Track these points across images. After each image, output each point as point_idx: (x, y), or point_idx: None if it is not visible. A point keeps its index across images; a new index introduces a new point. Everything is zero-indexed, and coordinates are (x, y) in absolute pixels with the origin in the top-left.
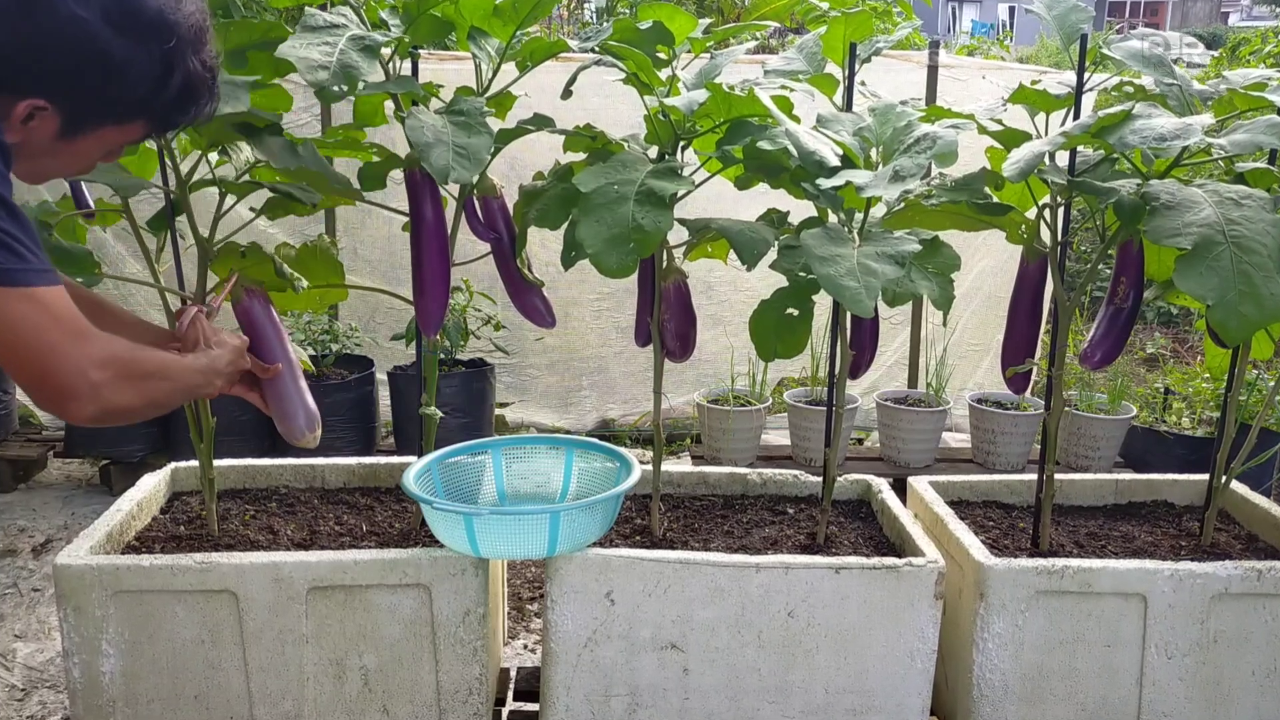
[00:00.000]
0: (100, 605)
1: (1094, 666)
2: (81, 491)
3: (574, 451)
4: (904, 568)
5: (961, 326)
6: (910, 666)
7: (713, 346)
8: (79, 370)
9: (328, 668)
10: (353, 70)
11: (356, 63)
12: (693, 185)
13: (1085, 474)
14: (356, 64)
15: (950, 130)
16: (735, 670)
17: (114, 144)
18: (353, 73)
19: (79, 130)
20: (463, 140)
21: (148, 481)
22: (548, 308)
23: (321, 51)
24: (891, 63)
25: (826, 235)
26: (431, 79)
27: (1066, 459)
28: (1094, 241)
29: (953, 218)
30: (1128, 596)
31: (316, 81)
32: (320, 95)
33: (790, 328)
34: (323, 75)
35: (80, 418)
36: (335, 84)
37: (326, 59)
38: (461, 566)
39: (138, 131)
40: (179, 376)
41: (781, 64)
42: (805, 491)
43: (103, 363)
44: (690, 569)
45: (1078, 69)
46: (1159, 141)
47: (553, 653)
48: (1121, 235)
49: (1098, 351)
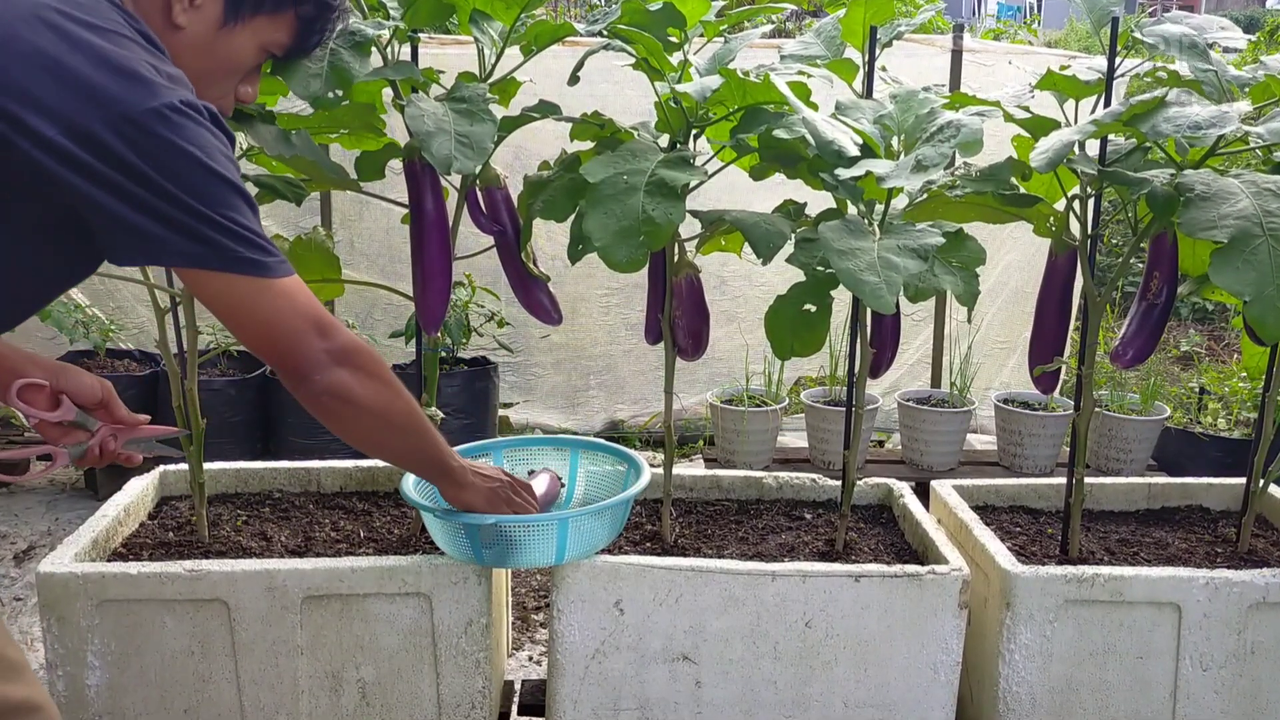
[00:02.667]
0: (85, 615)
1: (1125, 679)
2: (66, 496)
3: (579, 453)
4: (927, 576)
5: (987, 323)
6: (933, 679)
7: (726, 344)
8: (316, 355)
9: (323, 680)
10: (345, 71)
11: (348, 63)
12: (705, 175)
13: (1116, 478)
14: (348, 65)
15: (975, 118)
16: (750, 683)
17: (264, 41)
18: (345, 74)
19: (239, 14)
20: (465, 128)
21: (135, 485)
22: (554, 304)
23: (311, 58)
24: (914, 47)
25: (845, 228)
26: (432, 65)
27: (1097, 462)
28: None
29: (978, 209)
30: (1161, 606)
31: (310, 94)
32: (315, 105)
33: (808, 324)
34: (315, 85)
35: (314, 396)
36: (328, 90)
37: (317, 65)
38: (464, 574)
39: (285, 30)
40: (426, 433)
41: (798, 48)
42: (823, 496)
43: (340, 353)
44: (703, 577)
45: (1109, 54)
46: (1194, 130)
47: (559, 665)
48: (1154, 228)
49: (1130, 349)
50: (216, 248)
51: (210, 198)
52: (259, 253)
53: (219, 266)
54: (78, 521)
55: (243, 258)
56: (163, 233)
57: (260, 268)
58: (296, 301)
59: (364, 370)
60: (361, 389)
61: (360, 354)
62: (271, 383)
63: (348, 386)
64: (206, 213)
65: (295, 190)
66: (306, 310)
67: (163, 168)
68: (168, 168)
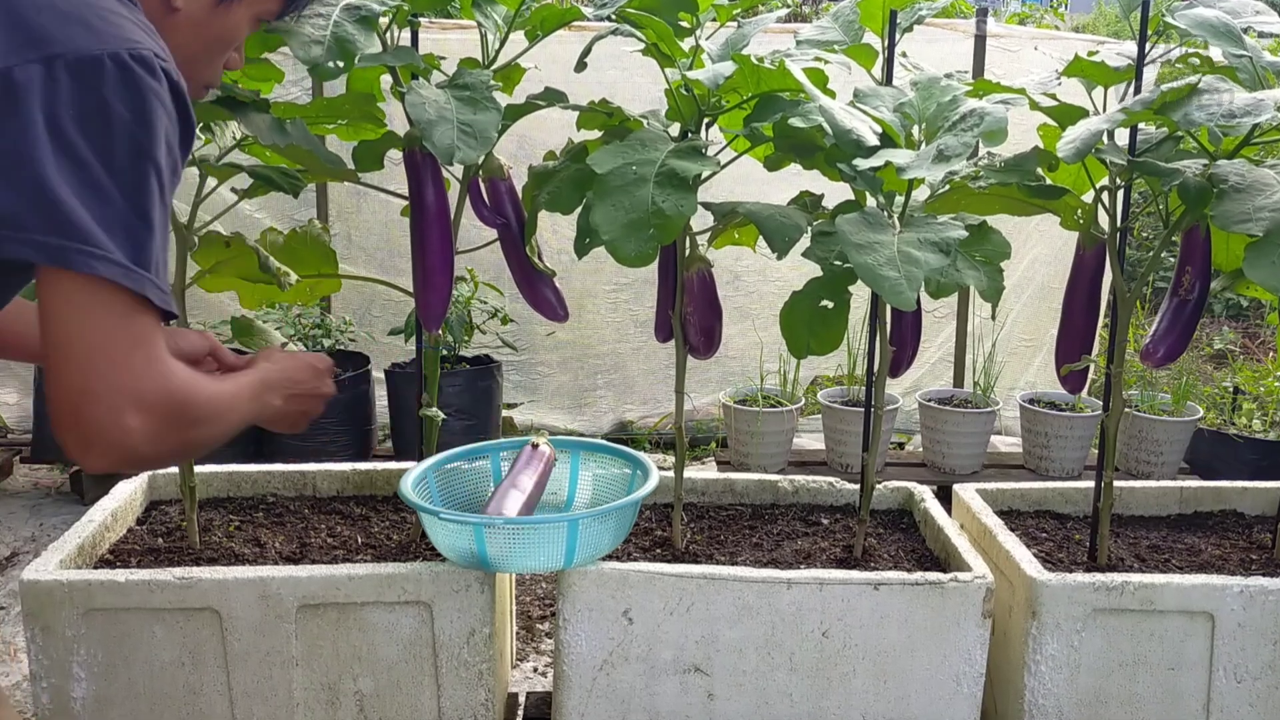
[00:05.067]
0: (71, 624)
1: (1156, 691)
2: (50, 500)
3: (580, 455)
4: (949, 584)
5: (1012, 320)
6: (956, 691)
7: (740, 342)
8: (113, 410)
9: (319, 693)
10: (349, 44)
11: (352, 35)
12: (718, 166)
13: (1147, 481)
14: (352, 37)
15: (999, 106)
16: (764, 695)
17: (258, 11)
18: (349, 46)
19: None
20: (468, 117)
21: (123, 489)
22: (559, 299)
23: (314, 25)
24: (935, 32)
25: (864, 220)
26: (433, 50)
27: (1126, 465)
28: (1156, 227)
29: (1002, 201)
30: (1193, 615)
31: (311, 59)
32: (314, 73)
33: (825, 321)
34: (316, 51)
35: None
36: (330, 60)
37: (320, 33)
38: (466, 582)
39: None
40: (233, 408)
41: (815, 33)
42: (841, 500)
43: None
44: (715, 585)
45: (1139, 39)
46: (1228, 118)
47: (565, 676)
48: (1187, 220)
49: (1161, 347)
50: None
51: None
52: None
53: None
54: (63, 527)
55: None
56: None
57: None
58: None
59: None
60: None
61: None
62: None
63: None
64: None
65: (291, 181)
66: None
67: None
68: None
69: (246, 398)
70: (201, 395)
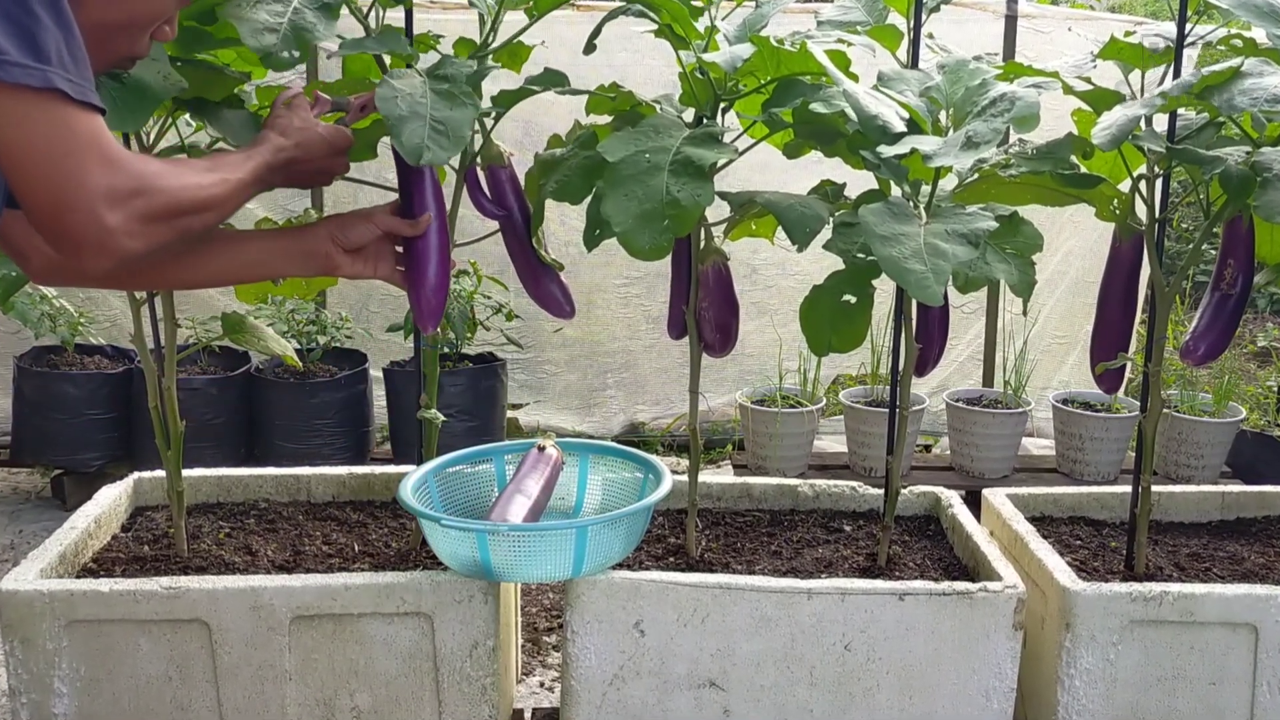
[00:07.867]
0: (52, 637)
1: (1196, 707)
2: (30, 505)
3: (589, 458)
4: (978, 594)
5: (1044, 316)
6: (985, 707)
7: (757, 339)
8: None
9: (314, 708)
10: (306, 32)
11: (311, 24)
12: (735, 153)
13: (1187, 486)
14: (311, 25)
15: (1031, 90)
16: (783, 711)
17: None
18: (306, 35)
19: None
20: (443, 113)
21: (107, 494)
22: (566, 295)
23: (270, 11)
24: (964, 12)
25: (889, 211)
26: (431, 30)
27: (1165, 468)
28: (1197, 218)
29: (1034, 191)
30: (1236, 627)
31: (262, 47)
32: (268, 63)
33: (847, 317)
34: (269, 40)
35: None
36: (285, 49)
37: (276, 20)
38: (469, 592)
39: None
40: (227, 199)
41: (837, 14)
42: (864, 506)
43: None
44: (732, 595)
45: (1178, 19)
46: (1272, 103)
47: (573, 691)
48: (1228, 211)
49: (1201, 344)
50: None
51: None
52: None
53: None
54: (43, 534)
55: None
56: None
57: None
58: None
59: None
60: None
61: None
62: (257, 382)
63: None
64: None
65: None
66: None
67: None
68: None
69: (246, 182)
70: (176, 183)
